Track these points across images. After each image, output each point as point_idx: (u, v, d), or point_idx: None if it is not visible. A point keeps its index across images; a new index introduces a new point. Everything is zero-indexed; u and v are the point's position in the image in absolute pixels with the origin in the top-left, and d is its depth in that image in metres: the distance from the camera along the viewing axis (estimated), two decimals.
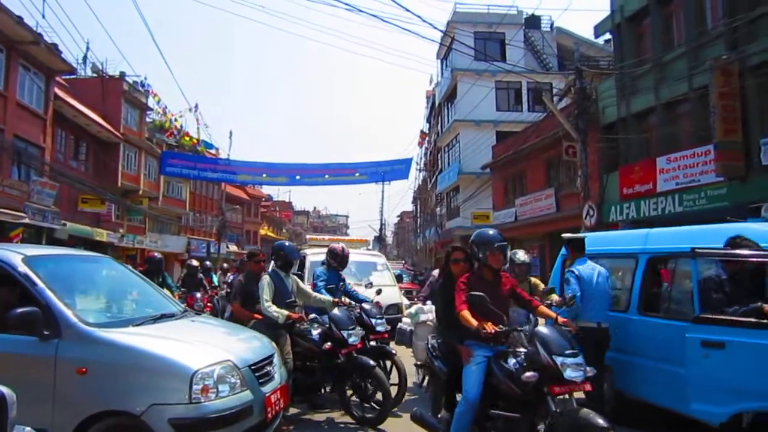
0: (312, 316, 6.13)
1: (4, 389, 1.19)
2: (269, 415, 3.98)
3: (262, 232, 60.43)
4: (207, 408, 3.47)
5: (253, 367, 3.95)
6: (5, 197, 17.17)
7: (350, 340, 5.61)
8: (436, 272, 10.26)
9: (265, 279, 5.70)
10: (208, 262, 17.06)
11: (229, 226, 43.07)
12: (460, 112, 28.59)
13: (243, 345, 4.26)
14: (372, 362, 5.63)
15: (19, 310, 3.46)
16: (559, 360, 3.52)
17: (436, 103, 36.85)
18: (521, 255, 6.06)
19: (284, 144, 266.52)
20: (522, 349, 3.84)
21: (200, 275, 11.61)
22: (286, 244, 6.35)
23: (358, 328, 5.84)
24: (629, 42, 15.77)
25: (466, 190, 28.11)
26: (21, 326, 3.47)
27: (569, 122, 15.02)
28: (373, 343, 6.20)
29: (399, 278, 12.45)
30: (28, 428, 1.69)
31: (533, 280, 6.31)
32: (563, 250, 6.40)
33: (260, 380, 3.99)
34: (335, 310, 5.96)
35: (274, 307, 5.49)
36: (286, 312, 5.50)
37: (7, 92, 18.33)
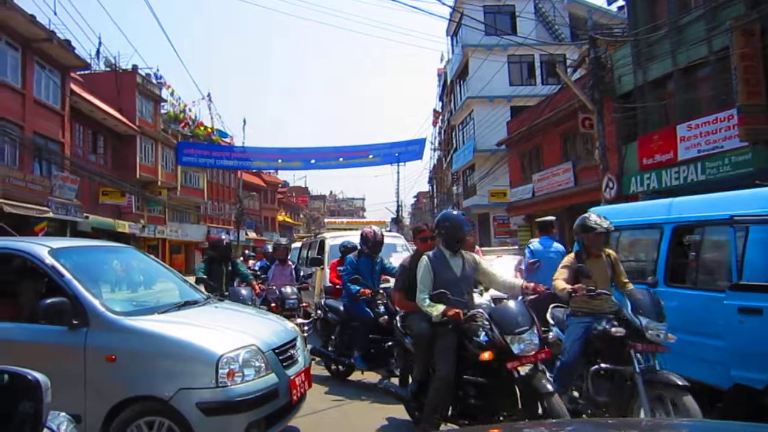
0: (480, 309, 4.28)
1: (39, 375, 1.22)
2: (294, 398, 4.04)
3: (280, 218, 60.84)
4: (233, 391, 3.53)
5: (277, 351, 4.00)
6: (29, 192, 17.51)
7: (516, 348, 3.88)
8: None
9: (423, 262, 4.45)
10: (247, 250, 16.95)
11: (247, 214, 43.45)
12: (473, 88, 28.23)
13: (266, 329, 4.31)
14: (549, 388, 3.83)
15: (48, 300, 3.56)
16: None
17: (448, 81, 36.43)
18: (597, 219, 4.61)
19: (297, 130, 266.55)
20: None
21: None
22: (453, 213, 4.79)
23: (532, 331, 4.00)
24: (643, 7, 15.34)
25: (482, 167, 27.84)
26: (51, 316, 3.56)
27: (585, 93, 14.75)
28: None
29: None
30: (63, 413, 1.74)
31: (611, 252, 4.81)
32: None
33: (284, 363, 4.04)
34: (506, 302, 4.41)
35: (428, 301, 4.23)
36: (442, 307, 4.12)
37: (25, 90, 18.58)
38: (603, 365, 4.23)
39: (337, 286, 7.54)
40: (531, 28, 24.94)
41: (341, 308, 6.56)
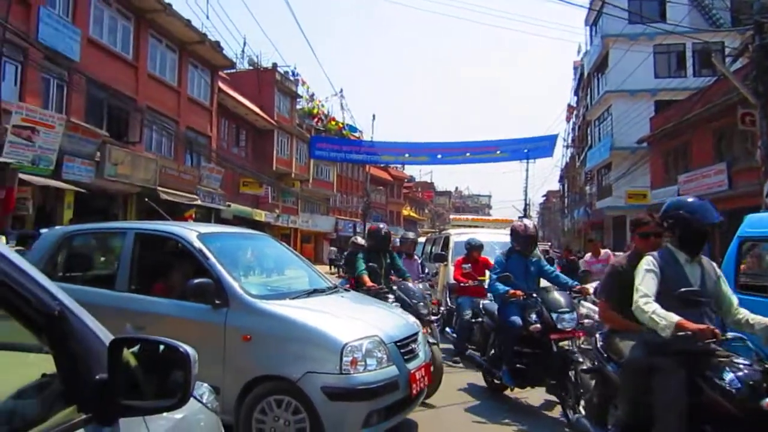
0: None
1: (189, 348, 1.33)
2: (414, 391, 4.05)
3: (405, 212, 61.70)
4: (355, 379, 3.62)
5: (398, 344, 4.04)
6: (181, 182, 19.35)
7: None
8: (588, 256, 9.60)
9: (646, 262, 3.25)
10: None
11: (373, 207, 44.57)
12: (612, 82, 26.51)
13: (389, 321, 4.36)
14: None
15: (196, 280, 3.90)
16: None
17: (585, 74, 34.59)
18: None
19: (425, 125, 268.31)
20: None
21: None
22: (690, 200, 3.41)
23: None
24: None
25: (619, 166, 26.09)
26: (197, 295, 3.90)
27: (746, 86, 13.21)
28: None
29: (550, 261, 11.90)
30: (205, 384, 1.89)
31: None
32: (741, 230, 5.37)
33: (405, 357, 4.07)
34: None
35: (654, 308, 2.98)
36: (675, 318, 2.89)
37: (180, 88, 20.55)
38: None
39: (461, 284, 7.48)
40: (683, 14, 22.80)
41: (496, 312, 5.78)
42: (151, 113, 18.32)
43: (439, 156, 24.50)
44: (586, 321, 5.33)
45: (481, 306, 6.31)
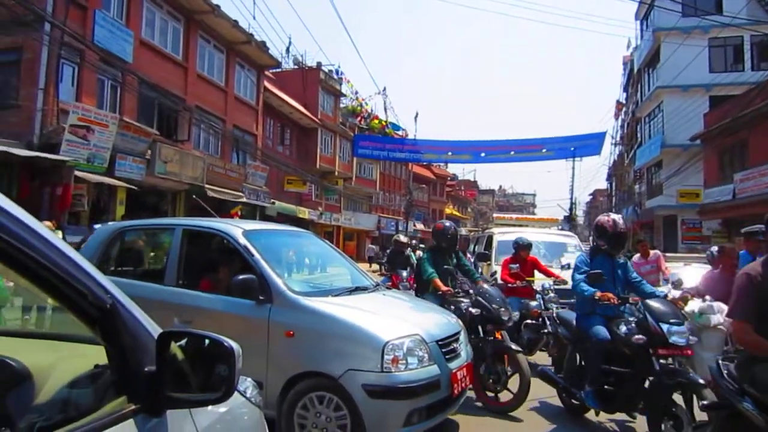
0: None
1: (233, 343, 1.36)
2: (455, 391, 4.03)
3: (448, 211, 61.33)
4: (397, 378, 3.62)
5: (440, 343, 4.02)
6: (227, 179, 19.78)
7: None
8: (637, 257, 8.81)
9: None
10: (414, 240, 17.03)
11: (415, 205, 44.55)
12: (664, 77, 25.61)
13: (431, 321, 4.34)
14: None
15: (241, 276, 3.96)
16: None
17: (635, 70, 33.52)
18: None
19: (468, 123, 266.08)
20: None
21: (408, 252, 10.27)
22: None
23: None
24: None
25: (671, 164, 25.21)
26: (242, 291, 3.96)
27: None
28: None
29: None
30: (249, 379, 1.92)
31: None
32: None
33: (447, 356, 4.05)
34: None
35: None
36: None
37: (227, 88, 21.01)
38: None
39: (509, 284, 7.18)
40: (741, 5, 21.83)
41: (573, 322, 4.98)
42: (199, 112, 18.81)
43: (483, 154, 24.15)
44: (691, 338, 4.26)
45: (554, 315, 5.56)
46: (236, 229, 4.49)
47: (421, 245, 9.64)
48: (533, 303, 7.05)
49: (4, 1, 11.20)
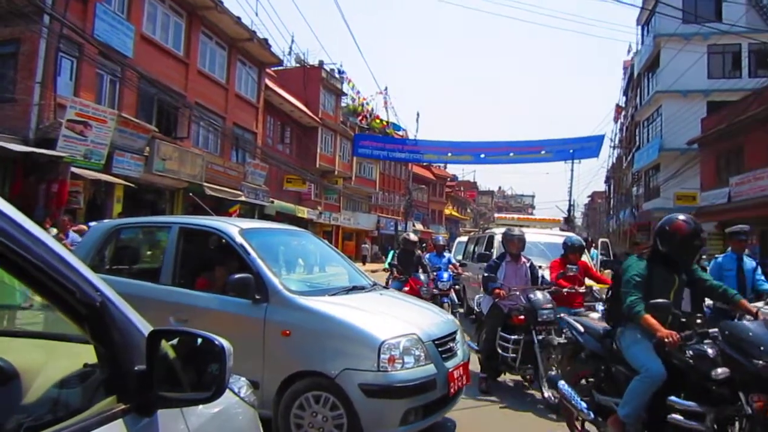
0: None
1: (224, 342, 1.34)
2: (452, 391, 4.01)
3: (447, 211, 61.36)
4: (393, 377, 3.61)
5: (436, 342, 4.01)
6: (227, 177, 19.73)
7: None
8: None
9: None
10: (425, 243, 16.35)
11: (415, 206, 44.50)
12: (663, 82, 25.72)
13: (427, 320, 4.33)
14: None
15: (237, 275, 3.94)
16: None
17: (635, 74, 33.60)
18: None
19: (469, 124, 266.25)
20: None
21: (419, 253, 9.21)
22: None
23: None
24: None
25: (668, 168, 25.32)
26: (238, 290, 3.94)
27: None
28: None
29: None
30: (243, 378, 1.90)
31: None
32: None
33: (443, 355, 4.03)
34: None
35: None
36: None
37: (228, 85, 20.96)
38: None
39: (564, 289, 6.11)
40: (740, 14, 21.93)
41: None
42: (199, 109, 18.71)
43: (483, 155, 24.16)
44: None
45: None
46: (233, 227, 4.47)
47: (441, 242, 8.67)
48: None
49: None
